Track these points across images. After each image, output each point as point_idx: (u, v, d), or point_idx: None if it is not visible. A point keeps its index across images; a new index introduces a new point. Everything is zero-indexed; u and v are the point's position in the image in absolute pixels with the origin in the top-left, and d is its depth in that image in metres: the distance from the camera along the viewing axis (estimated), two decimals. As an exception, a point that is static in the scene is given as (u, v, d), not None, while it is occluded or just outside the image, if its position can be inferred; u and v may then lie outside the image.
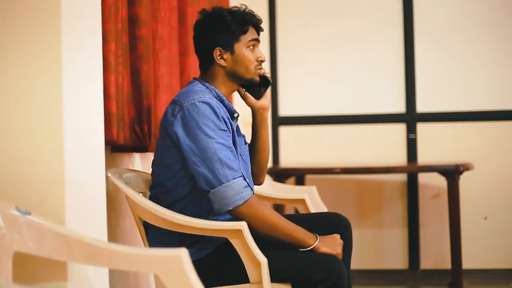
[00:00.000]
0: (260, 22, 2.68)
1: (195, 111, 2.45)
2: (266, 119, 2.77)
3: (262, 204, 2.48)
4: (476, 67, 4.91)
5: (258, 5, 5.03)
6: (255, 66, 2.64)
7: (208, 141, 2.43)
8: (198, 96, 2.49)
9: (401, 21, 4.99)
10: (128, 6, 2.90)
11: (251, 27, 2.64)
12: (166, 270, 1.76)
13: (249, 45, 2.62)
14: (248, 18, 2.63)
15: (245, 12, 2.65)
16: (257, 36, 2.67)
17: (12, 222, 1.85)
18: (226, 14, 2.61)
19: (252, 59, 2.63)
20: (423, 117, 4.96)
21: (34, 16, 2.07)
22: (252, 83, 2.67)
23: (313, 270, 2.36)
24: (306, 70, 5.10)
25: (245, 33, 2.62)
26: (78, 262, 1.92)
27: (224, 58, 2.62)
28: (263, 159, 2.81)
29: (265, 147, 2.80)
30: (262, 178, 2.87)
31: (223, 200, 2.42)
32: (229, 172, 2.43)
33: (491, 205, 4.88)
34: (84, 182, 2.19)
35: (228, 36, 2.61)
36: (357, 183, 5.03)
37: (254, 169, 2.81)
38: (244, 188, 2.44)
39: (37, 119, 2.07)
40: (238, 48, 2.61)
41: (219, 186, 2.42)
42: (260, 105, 2.74)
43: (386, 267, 5.00)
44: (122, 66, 2.78)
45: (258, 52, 2.66)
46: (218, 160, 2.43)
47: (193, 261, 2.02)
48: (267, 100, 2.76)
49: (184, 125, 2.46)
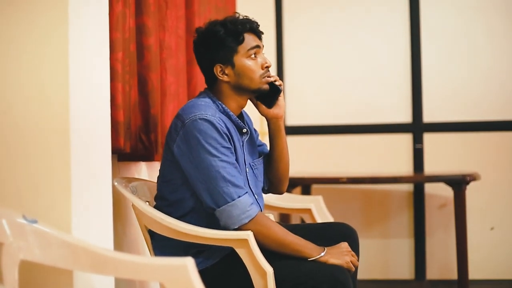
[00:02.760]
0: (257, 26, 2.57)
1: (197, 129, 2.41)
2: (281, 128, 2.69)
3: (269, 221, 2.46)
4: (482, 77, 4.90)
5: (265, 13, 5.05)
6: (260, 74, 2.54)
7: (211, 160, 2.39)
8: (200, 112, 2.43)
9: (408, 31, 4.99)
10: (136, 15, 2.91)
11: (247, 34, 2.53)
12: (172, 279, 1.75)
13: (250, 54, 2.53)
14: (241, 26, 2.52)
15: (237, 20, 2.54)
16: (257, 43, 2.56)
17: (19, 230, 1.85)
18: (218, 28, 2.52)
19: (256, 68, 2.54)
20: (429, 127, 4.95)
21: (41, 25, 2.08)
22: (261, 92, 2.58)
23: (319, 280, 2.35)
24: (313, 80, 5.11)
25: (242, 42, 2.52)
26: (84, 271, 1.92)
27: (226, 73, 2.54)
28: (282, 168, 2.75)
29: (282, 156, 2.73)
30: (282, 187, 2.82)
31: (228, 219, 2.41)
32: (234, 190, 2.40)
33: (498, 216, 4.87)
34: (90, 191, 2.20)
35: (225, 51, 2.52)
36: (363, 193, 5.03)
37: (273, 178, 2.77)
38: (250, 206, 2.42)
39: (44, 127, 2.07)
40: (238, 60, 2.53)
41: (224, 206, 2.40)
42: (273, 114, 2.65)
43: (392, 277, 4.99)
44: (129, 75, 2.78)
45: (262, 58, 2.56)
46: (222, 178, 2.39)
47: (199, 270, 2.02)
48: (280, 108, 2.65)
49: (186, 142, 2.42)
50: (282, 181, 2.80)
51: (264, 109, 2.64)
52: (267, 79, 2.56)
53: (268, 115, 2.66)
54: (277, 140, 2.71)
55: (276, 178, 2.78)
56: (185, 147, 2.43)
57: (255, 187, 2.63)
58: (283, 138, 2.71)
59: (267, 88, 2.57)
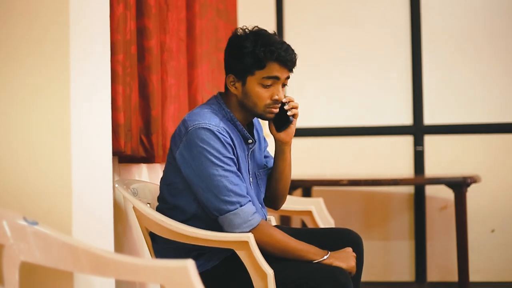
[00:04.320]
0: (290, 59, 2.45)
1: (199, 138, 2.39)
2: (284, 152, 2.64)
3: (270, 228, 2.46)
4: (483, 79, 4.90)
5: (266, 15, 5.05)
6: (266, 104, 2.47)
7: (213, 169, 2.38)
8: (204, 122, 2.41)
9: (409, 34, 4.99)
10: (137, 17, 2.91)
11: (273, 63, 2.43)
12: (173, 281, 1.75)
13: (264, 82, 2.45)
14: (269, 54, 2.42)
15: (269, 45, 2.43)
16: (279, 74, 2.44)
17: (19, 232, 1.86)
18: (247, 44, 2.44)
19: (263, 96, 2.46)
20: (430, 129, 4.96)
21: (42, 26, 2.08)
22: (264, 119, 2.54)
23: (320, 282, 2.34)
24: (313, 82, 5.11)
25: (262, 68, 2.43)
26: (85, 273, 1.92)
27: (236, 86, 2.51)
28: (280, 187, 2.72)
29: (282, 178, 2.69)
30: (277, 205, 2.79)
31: (230, 227, 2.41)
32: (236, 199, 2.40)
33: (499, 218, 4.86)
34: (91, 193, 2.20)
35: (242, 67, 2.46)
36: (364, 195, 5.03)
37: (269, 194, 2.74)
38: (253, 215, 2.42)
39: (45, 129, 2.07)
40: (250, 82, 2.46)
41: (226, 214, 2.40)
42: (279, 138, 2.60)
43: (393, 279, 4.98)
44: (130, 77, 2.79)
45: (276, 90, 2.47)
46: (224, 187, 2.39)
47: (200, 273, 2.02)
48: (288, 135, 2.59)
49: (189, 150, 2.41)
50: (278, 200, 2.77)
51: (273, 130, 2.59)
52: (271, 110, 2.50)
53: (275, 137, 2.61)
54: (279, 161, 2.68)
55: (272, 195, 2.75)
56: (188, 155, 2.42)
57: (258, 196, 2.63)
58: (286, 161, 2.67)
59: (269, 117, 2.52)
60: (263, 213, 2.62)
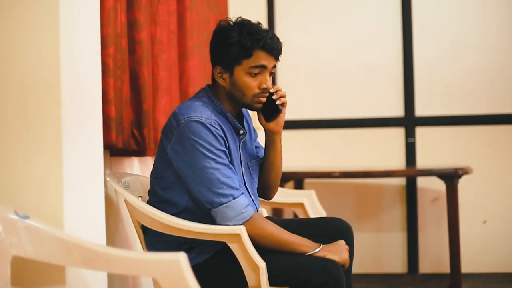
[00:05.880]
0: (276, 47, 2.47)
1: (191, 131, 2.39)
2: (275, 142, 2.64)
3: (263, 221, 2.46)
4: (474, 71, 4.91)
5: (257, 7, 5.04)
6: (254, 94, 2.48)
7: (206, 161, 2.38)
8: (195, 114, 2.41)
9: (400, 25, 4.99)
10: (127, 10, 2.90)
11: (260, 51, 2.44)
12: (165, 274, 1.75)
13: (252, 71, 2.45)
14: (255, 42, 2.43)
15: (254, 33, 2.45)
16: (265, 62, 2.45)
17: (11, 226, 1.85)
18: (232, 34, 2.45)
19: (251, 86, 2.47)
20: (422, 121, 4.96)
21: (32, 20, 2.07)
22: (252, 109, 2.55)
23: (311, 274, 2.35)
24: (305, 74, 5.11)
25: (249, 57, 2.44)
26: (77, 266, 1.92)
27: (223, 78, 2.51)
28: (271, 177, 2.72)
29: (273, 168, 2.70)
30: (269, 195, 2.79)
31: (223, 220, 2.40)
32: (229, 192, 2.39)
33: (490, 209, 4.88)
34: (83, 186, 2.19)
35: (229, 58, 2.47)
36: (356, 187, 5.03)
37: (261, 184, 2.74)
38: (246, 207, 2.42)
39: (35, 123, 2.07)
40: (238, 72, 2.47)
41: (219, 207, 2.40)
42: (269, 128, 2.61)
43: (385, 271, 5.00)
44: (121, 70, 2.78)
45: (263, 78, 2.48)
46: (217, 180, 2.38)
47: (192, 266, 2.02)
48: (278, 125, 2.61)
49: (181, 143, 2.41)
50: (270, 190, 2.78)
51: (262, 120, 2.60)
52: (260, 100, 2.50)
53: (264, 127, 2.62)
54: (269, 152, 2.68)
55: (264, 186, 2.75)
56: (180, 148, 2.42)
57: (251, 187, 2.63)
58: (276, 151, 2.68)
59: (258, 107, 2.52)
60: (256, 206, 2.62)
